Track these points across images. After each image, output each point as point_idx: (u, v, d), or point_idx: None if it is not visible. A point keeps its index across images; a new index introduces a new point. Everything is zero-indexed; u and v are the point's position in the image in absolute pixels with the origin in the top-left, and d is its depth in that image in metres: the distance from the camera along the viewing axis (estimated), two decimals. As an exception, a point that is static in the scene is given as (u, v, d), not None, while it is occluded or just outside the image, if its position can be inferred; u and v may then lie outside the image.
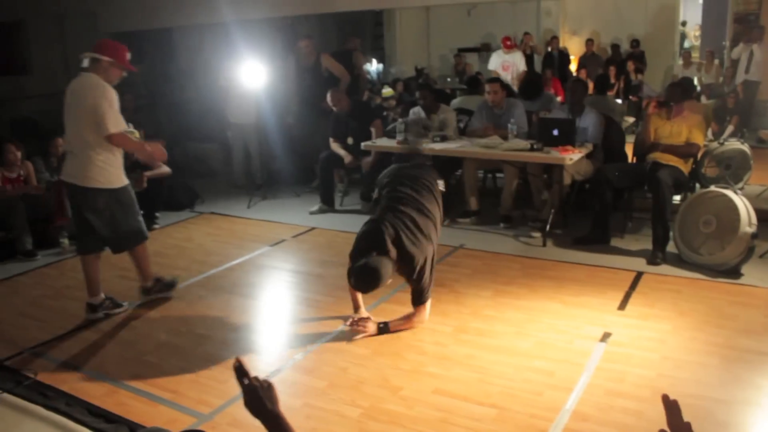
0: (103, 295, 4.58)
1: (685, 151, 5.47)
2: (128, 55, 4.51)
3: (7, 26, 9.26)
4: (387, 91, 9.99)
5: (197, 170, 8.87)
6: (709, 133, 8.62)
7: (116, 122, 4.32)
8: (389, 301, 4.62)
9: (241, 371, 1.71)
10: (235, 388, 3.48)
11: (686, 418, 1.52)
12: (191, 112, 9.95)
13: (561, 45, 12.76)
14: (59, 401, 3.43)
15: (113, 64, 4.40)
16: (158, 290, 4.79)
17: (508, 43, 10.91)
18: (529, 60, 12.22)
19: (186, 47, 10.99)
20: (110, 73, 4.40)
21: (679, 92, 5.66)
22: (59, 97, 4.72)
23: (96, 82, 4.31)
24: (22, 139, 6.45)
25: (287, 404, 3.30)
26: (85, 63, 4.40)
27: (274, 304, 4.82)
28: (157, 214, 6.78)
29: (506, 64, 10.77)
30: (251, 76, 7.41)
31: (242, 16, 8.06)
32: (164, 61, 10.90)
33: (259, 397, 1.70)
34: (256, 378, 1.71)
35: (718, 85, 11.13)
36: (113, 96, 4.33)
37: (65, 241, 6.03)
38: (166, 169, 6.69)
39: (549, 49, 12.61)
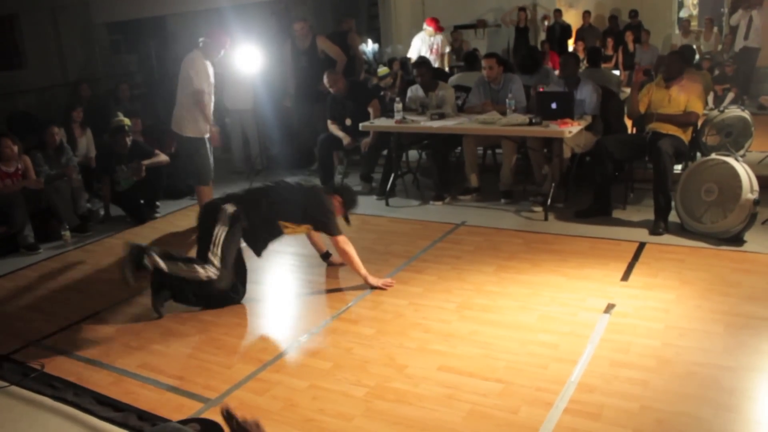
0: None
1: (684, 119, 5.44)
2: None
3: (1, 20, 9.21)
4: (382, 70, 9.91)
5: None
6: (710, 101, 8.56)
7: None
8: (406, 269, 4.74)
9: (229, 416, 1.87)
10: (240, 373, 3.52)
11: (692, 386, 1.52)
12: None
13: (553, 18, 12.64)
14: (67, 392, 3.45)
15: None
16: None
17: (436, 26, 10.65)
18: (523, 34, 12.13)
19: (181, 35, 10.92)
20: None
21: (678, 61, 5.61)
22: (55, 90, 4.74)
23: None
24: (19, 133, 6.43)
25: (293, 386, 3.33)
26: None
27: (277, 287, 4.82)
28: (158, 203, 6.78)
29: (434, 47, 10.50)
30: (247, 61, 7.36)
31: (236, 1, 8.00)
32: (160, 50, 10.84)
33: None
34: (244, 420, 1.86)
35: (717, 52, 11.05)
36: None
37: (66, 234, 6.04)
38: (164, 157, 6.69)
39: (546, 23, 12.51)
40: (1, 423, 3.24)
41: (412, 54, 10.36)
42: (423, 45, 10.51)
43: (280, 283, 4.90)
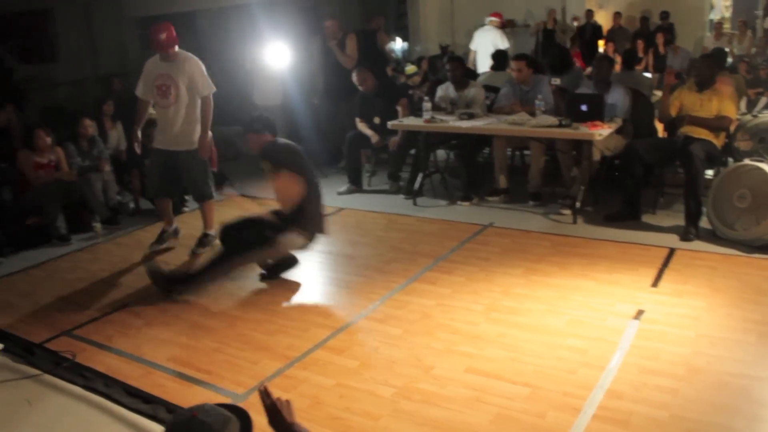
0: None
1: (716, 123, 5.35)
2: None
3: (36, 15, 9.36)
4: (410, 68, 9.91)
5: (225, 153, 8.90)
6: (743, 105, 8.44)
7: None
8: (434, 270, 4.75)
9: (265, 395, 2.06)
10: (267, 369, 3.54)
11: (724, 396, 1.52)
12: (218, 96, 9.97)
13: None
14: (97, 382, 3.49)
15: None
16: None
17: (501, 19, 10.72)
18: (550, 35, 12.05)
19: (211, 31, 11.01)
20: None
21: (710, 65, 5.53)
22: (86, 83, 4.85)
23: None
24: (52, 125, 6.52)
25: (320, 384, 3.35)
26: None
27: (305, 284, 4.84)
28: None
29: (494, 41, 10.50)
30: (276, 58, 7.39)
31: (266, -3, 8.05)
32: (189, 45, 10.92)
33: (278, 411, 2.04)
34: (278, 399, 2.06)
35: (751, 55, 10.87)
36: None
37: (98, 225, 6.12)
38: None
39: (575, 23, 12.42)
40: (34, 411, 3.29)
41: (475, 47, 10.51)
42: (485, 38, 10.54)
43: (308, 280, 4.92)
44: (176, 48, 5.27)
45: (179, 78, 5.21)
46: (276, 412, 2.05)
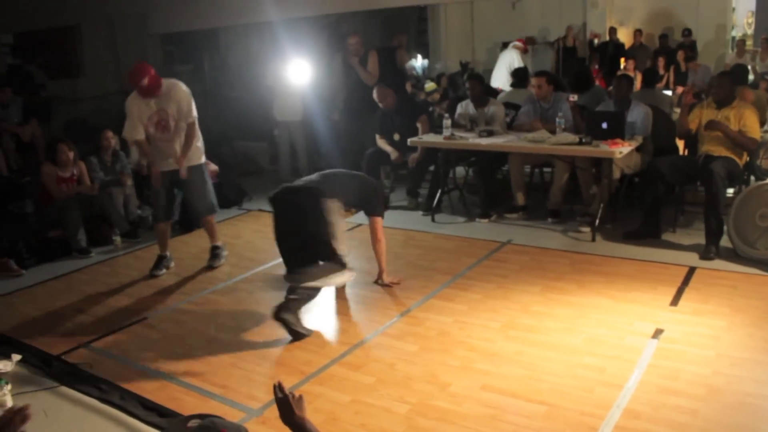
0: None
1: (742, 141, 5.27)
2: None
3: (63, 31, 9.52)
4: (430, 85, 9.93)
5: (245, 168, 8.98)
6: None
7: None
8: (451, 287, 4.75)
9: (279, 389, 2.16)
10: (284, 384, 3.53)
11: (743, 417, 1.49)
12: (239, 111, 10.08)
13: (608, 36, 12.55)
14: (113, 395, 3.51)
15: None
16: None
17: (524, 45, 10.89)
18: (571, 53, 12.05)
19: (233, 47, 11.13)
20: None
21: (728, 83, 5.43)
22: (111, 98, 4.91)
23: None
24: (75, 140, 6.61)
25: (335, 400, 3.34)
26: None
27: (321, 300, 4.84)
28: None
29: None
30: (297, 74, 7.45)
31: (287, 14, 8.10)
32: (212, 61, 11.06)
33: (289, 404, 2.11)
34: (291, 393, 2.14)
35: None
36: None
37: (118, 239, 6.19)
38: (213, 167, 6.79)
39: (596, 41, 12.41)
40: (50, 422, 3.31)
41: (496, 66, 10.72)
42: (504, 58, 10.73)
43: (324, 296, 4.91)
44: (160, 83, 5.16)
45: (171, 108, 5.16)
46: (287, 405, 2.12)
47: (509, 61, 10.45)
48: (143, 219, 6.82)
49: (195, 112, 5.27)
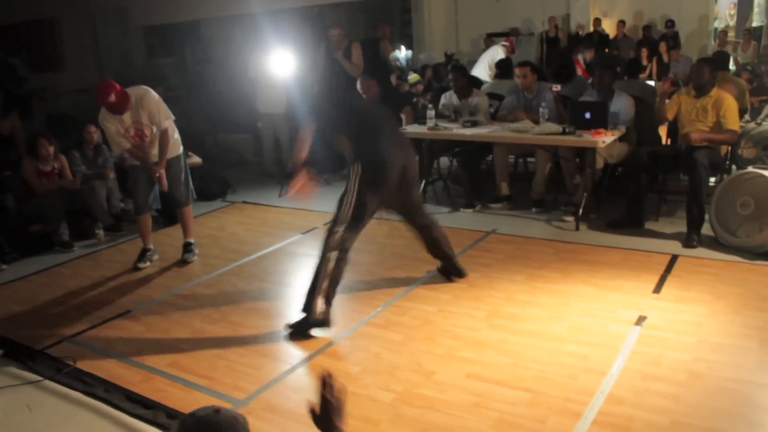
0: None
1: (722, 139, 5.30)
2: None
3: (41, 24, 9.42)
4: (413, 77, 9.93)
5: (228, 160, 8.95)
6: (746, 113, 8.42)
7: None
8: (436, 276, 4.76)
9: (330, 388, 1.82)
10: (269, 374, 3.54)
11: (725, 402, 1.50)
12: (222, 103, 10.03)
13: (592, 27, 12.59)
14: (98, 388, 3.50)
15: None
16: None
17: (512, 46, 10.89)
18: (554, 43, 12.09)
19: (215, 39, 11.06)
20: None
21: (707, 69, 5.38)
22: (92, 92, 4.85)
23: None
24: (57, 134, 6.55)
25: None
26: None
27: (306, 290, 4.84)
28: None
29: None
30: (280, 66, 7.42)
31: (270, 6, 8.09)
32: (194, 54, 10.98)
33: (334, 409, 1.80)
34: (337, 398, 1.81)
35: (755, 64, 10.86)
36: None
37: (101, 232, 6.15)
38: (197, 159, 6.76)
39: (580, 32, 12.45)
40: (35, 416, 3.30)
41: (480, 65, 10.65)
42: (488, 53, 10.71)
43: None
44: (128, 97, 5.08)
45: (144, 118, 5.12)
46: (332, 410, 1.83)
47: (492, 56, 10.44)
48: (126, 212, 6.76)
49: (170, 118, 5.24)
